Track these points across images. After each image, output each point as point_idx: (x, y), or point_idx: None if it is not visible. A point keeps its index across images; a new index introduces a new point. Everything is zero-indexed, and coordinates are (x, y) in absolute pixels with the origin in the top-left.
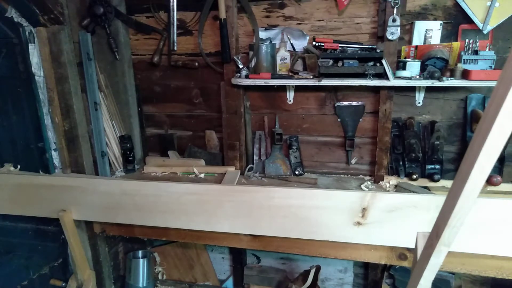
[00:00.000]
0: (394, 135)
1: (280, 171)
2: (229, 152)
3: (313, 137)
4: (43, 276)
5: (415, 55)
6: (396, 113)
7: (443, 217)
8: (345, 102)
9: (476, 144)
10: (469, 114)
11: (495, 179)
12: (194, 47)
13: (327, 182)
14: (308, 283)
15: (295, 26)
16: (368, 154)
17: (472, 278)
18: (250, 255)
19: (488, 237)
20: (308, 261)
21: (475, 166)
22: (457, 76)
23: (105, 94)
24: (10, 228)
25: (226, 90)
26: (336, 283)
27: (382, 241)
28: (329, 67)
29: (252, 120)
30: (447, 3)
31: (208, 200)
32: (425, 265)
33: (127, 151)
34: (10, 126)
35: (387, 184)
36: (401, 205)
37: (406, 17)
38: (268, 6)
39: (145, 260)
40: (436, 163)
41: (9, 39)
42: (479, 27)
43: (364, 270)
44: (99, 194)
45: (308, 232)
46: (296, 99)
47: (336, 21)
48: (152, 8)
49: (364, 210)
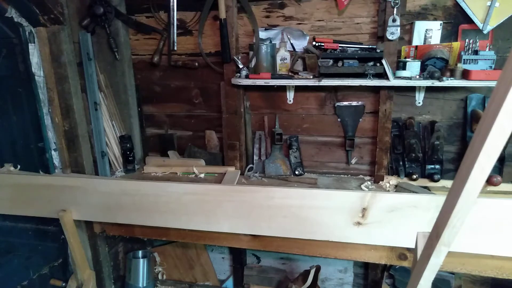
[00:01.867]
0: (394, 135)
1: (280, 171)
2: (229, 152)
3: (313, 137)
4: (43, 276)
5: (415, 55)
6: (396, 113)
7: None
8: (345, 102)
9: (476, 144)
10: (469, 114)
11: (495, 179)
12: (194, 47)
13: (327, 182)
14: (308, 283)
15: (295, 26)
16: (368, 154)
17: (472, 278)
18: (250, 255)
19: (488, 237)
20: (308, 261)
21: (475, 166)
22: (457, 76)
23: (105, 94)
24: (10, 228)
25: (226, 90)
26: (336, 283)
27: (382, 241)
28: (329, 67)
29: (252, 120)
30: (447, 3)
31: (208, 200)
32: (425, 265)
33: (127, 151)
34: (10, 126)
35: (387, 184)
36: (401, 205)
37: (406, 17)
38: (268, 6)
39: (145, 260)
40: (436, 163)
41: (9, 39)
42: (479, 27)
43: (364, 270)
44: (99, 194)
45: (308, 232)
46: (296, 99)
47: (336, 21)
48: (152, 8)
49: (364, 210)
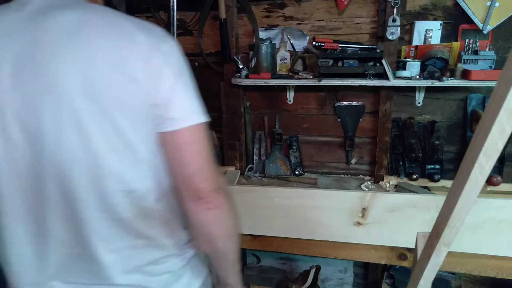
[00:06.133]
0: (394, 135)
1: (280, 171)
2: (229, 152)
3: (313, 137)
4: None
5: (415, 55)
6: (396, 113)
7: (443, 217)
8: (345, 102)
9: (476, 144)
10: (469, 114)
11: (495, 179)
12: (194, 47)
13: (327, 182)
14: (308, 283)
15: (295, 26)
16: (368, 154)
17: (472, 278)
18: (250, 255)
19: (488, 237)
20: (308, 261)
21: (475, 166)
22: (457, 76)
23: None
24: None
25: (226, 90)
26: (336, 283)
27: (382, 241)
28: (329, 67)
29: (252, 120)
30: (447, 3)
31: None
32: (425, 265)
33: None
34: None
35: (387, 184)
36: (401, 205)
37: (406, 17)
38: (268, 6)
39: None
40: (436, 163)
41: None
42: (479, 27)
43: (364, 270)
44: None
45: (308, 232)
46: (296, 99)
47: (336, 21)
48: (152, 8)
49: (364, 210)
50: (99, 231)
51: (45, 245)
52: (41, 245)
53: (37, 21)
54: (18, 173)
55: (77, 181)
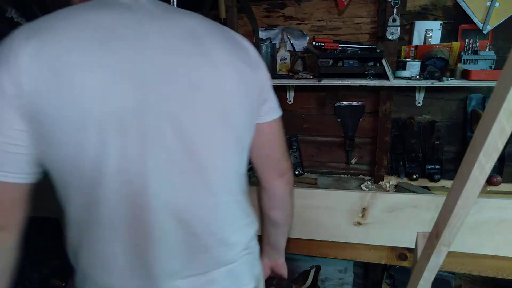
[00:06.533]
0: (394, 135)
1: None
2: None
3: (313, 137)
4: (43, 276)
5: (415, 55)
6: (396, 113)
7: (443, 217)
8: (345, 102)
9: (476, 144)
10: (469, 114)
11: (495, 179)
12: None
13: (327, 182)
14: (308, 283)
15: (295, 26)
16: (368, 154)
17: (472, 278)
18: None
19: (488, 237)
20: (308, 261)
21: (475, 166)
22: (457, 76)
23: None
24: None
25: None
26: (336, 283)
27: (382, 241)
28: (329, 67)
29: None
30: (447, 3)
31: None
32: (425, 265)
33: None
34: None
35: (387, 184)
36: (401, 205)
37: (406, 17)
38: (268, 6)
39: None
40: (436, 163)
41: None
42: (479, 27)
43: (364, 270)
44: None
45: (308, 232)
46: (296, 99)
47: (336, 21)
48: None
49: (364, 210)
50: (228, 213)
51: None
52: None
53: (160, 23)
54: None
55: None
